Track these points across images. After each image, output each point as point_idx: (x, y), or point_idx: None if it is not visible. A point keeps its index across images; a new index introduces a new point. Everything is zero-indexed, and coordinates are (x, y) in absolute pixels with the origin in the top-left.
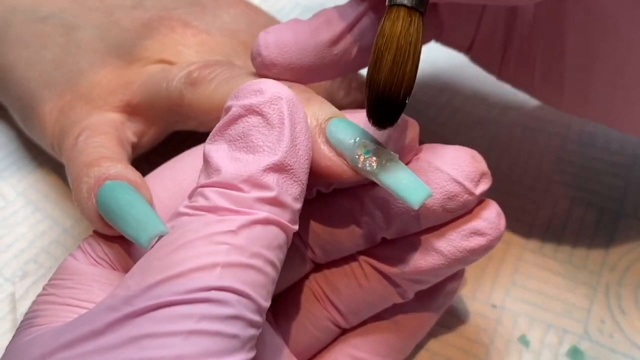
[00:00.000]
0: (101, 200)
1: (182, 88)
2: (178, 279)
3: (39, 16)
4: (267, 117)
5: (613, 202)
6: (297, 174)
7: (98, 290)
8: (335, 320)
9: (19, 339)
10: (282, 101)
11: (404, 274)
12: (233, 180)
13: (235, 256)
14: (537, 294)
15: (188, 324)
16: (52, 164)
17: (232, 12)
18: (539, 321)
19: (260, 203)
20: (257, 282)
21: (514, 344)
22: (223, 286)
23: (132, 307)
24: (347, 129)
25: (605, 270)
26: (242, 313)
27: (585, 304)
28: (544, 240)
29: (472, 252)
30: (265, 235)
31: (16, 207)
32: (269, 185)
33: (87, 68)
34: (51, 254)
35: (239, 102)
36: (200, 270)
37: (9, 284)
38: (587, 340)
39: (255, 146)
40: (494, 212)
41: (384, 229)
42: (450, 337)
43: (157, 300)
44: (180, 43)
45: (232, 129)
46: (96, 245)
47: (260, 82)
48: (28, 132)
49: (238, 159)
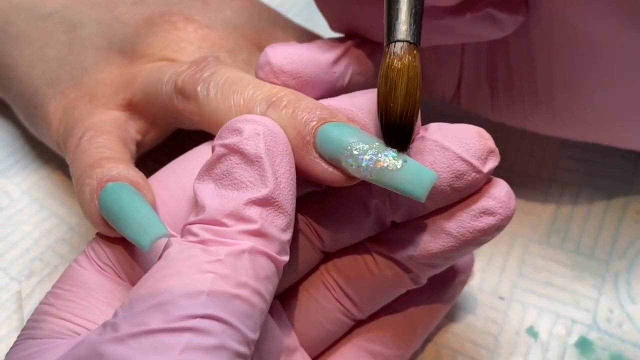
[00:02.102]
0: (103, 202)
1: (173, 95)
2: (163, 306)
3: (42, 13)
4: (245, 154)
5: (621, 185)
6: (282, 205)
7: (94, 308)
8: (347, 312)
9: (17, 352)
10: (259, 137)
11: (414, 258)
12: (217, 215)
13: (220, 285)
14: (545, 284)
15: (172, 354)
16: (56, 162)
17: (235, 6)
18: (547, 312)
19: (244, 235)
20: (243, 312)
21: (522, 336)
22: (207, 314)
23: (118, 333)
24: (338, 136)
25: (614, 258)
26: (227, 343)
27: (593, 293)
28: (550, 230)
29: (482, 232)
30: (252, 265)
31: (21, 206)
32: (252, 218)
33: (91, 66)
34: (57, 252)
35: (221, 142)
36: (185, 298)
37: (15, 283)
38: (596, 331)
39: (239, 182)
40: (503, 191)
41: (392, 212)
42: (457, 329)
43: (141, 328)
44: (182, 39)
45: (217, 168)
46: (100, 251)
47: (239, 121)
48: (33, 130)
49: (223, 196)
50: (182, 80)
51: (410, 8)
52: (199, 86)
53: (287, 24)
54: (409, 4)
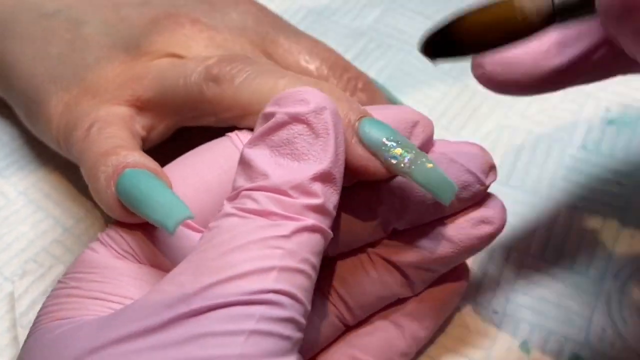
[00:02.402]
0: (122, 187)
1: (202, 84)
2: (236, 280)
3: (45, 12)
4: (312, 126)
5: (616, 210)
6: (338, 182)
7: (127, 285)
8: (341, 316)
9: (45, 332)
10: (327, 111)
11: (414, 263)
12: (282, 185)
13: (288, 261)
14: (539, 300)
15: (249, 324)
16: (54, 164)
17: (240, 10)
18: (540, 328)
19: (307, 210)
20: (305, 286)
21: (514, 351)
22: (279, 289)
23: (189, 305)
24: (379, 129)
25: (607, 278)
26: (294, 316)
27: (586, 311)
28: (546, 246)
29: (480, 240)
30: (311, 241)
31: (17, 206)
32: (317, 193)
33: (94, 62)
34: (51, 254)
35: (283, 110)
36: (258, 273)
37: (8, 283)
38: (588, 349)
39: (301, 154)
40: (499, 203)
41: (398, 218)
42: (450, 343)
43: (215, 301)
44: (189, 37)
45: (276, 136)
46: (119, 238)
47: (302, 92)
48: (32, 128)
49: (283, 165)
50: (219, 67)
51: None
52: (236, 70)
53: (291, 29)
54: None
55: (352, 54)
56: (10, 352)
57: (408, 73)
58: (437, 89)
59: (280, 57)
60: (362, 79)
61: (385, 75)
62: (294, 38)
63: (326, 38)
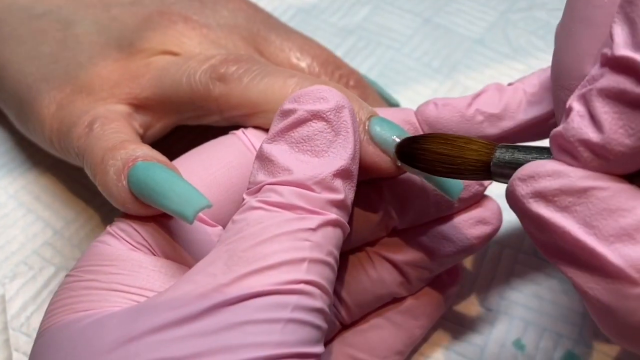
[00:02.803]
0: (136, 179)
1: (209, 82)
2: (268, 270)
3: (35, 13)
4: (332, 124)
5: None
6: (355, 179)
7: (147, 277)
8: (338, 315)
9: (67, 324)
10: (346, 110)
11: (413, 262)
12: (306, 181)
13: (317, 253)
14: (533, 297)
15: (285, 312)
16: (43, 166)
17: (231, 7)
18: (534, 325)
19: (330, 205)
20: (330, 278)
21: (508, 348)
22: (310, 280)
23: (224, 295)
24: (388, 127)
25: None
26: (323, 306)
27: (580, 307)
28: None
29: (477, 239)
30: (335, 235)
31: (7, 210)
32: (339, 188)
33: (86, 60)
34: (42, 256)
35: (304, 107)
36: (289, 264)
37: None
38: (583, 345)
39: (321, 150)
40: (495, 204)
41: (399, 217)
42: (444, 340)
43: (250, 290)
44: (183, 35)
45: (296, 132)
46: (132, 231)
47: (322, 90)
48: (23, 128)
49: (304, 161)
50: (225, 66)
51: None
52: (244, 69)
53: (282, 27)
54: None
55: (342, 52)
56: (2, 355)
57: (398, 71)
58: (427, 86)
59: (271, 54)
60: (354, 76)
61: (375, 73)
62: (285, 35)
63: (315, 36)
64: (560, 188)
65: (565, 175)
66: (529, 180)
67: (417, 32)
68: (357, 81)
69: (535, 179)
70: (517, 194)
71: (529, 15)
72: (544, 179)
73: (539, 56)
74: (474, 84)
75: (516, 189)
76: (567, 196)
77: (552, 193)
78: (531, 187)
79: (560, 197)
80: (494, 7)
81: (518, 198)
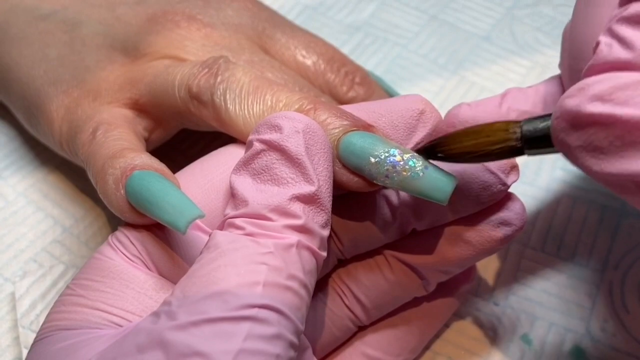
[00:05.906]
0: (132, 189)
1: (189, 102)
2: (221, 295)
3: (41, 14)
4: (286, 152)
5: (615, 200)
6: (322, 202)
7: (131, 298)
8: (355, 319)
9: (48, 344)
10: (299, 135)
11: (431, 265)
12: (261, 210)
13: (274, 277)
14: (540, 292)
15: (235, 342)
16: (52, 164)
17: (236, 6)
18: (541, 320)
19: (289, 230)
20: (293, 304)
21: (516, 343)
22: (265, 304)
23: (174, 320)
24: (360, 145)
25: (608, 268)
26: (283, 333)
27: (587, 302)
28: (546, 238)
29: (498, 242)
30: (300, 259)
31: (16, 207)
32: (297, 213)
33: (93, 64)
34: (51, 254)
35: (260, 137)
36: (243, 287)
37: (9, 284)
38: (590, 339)
39: (279, 178)
40: (519, 204)
41: (417, 220)
42: (452, 335)
43: (202, 316)
44: (185, 37)
45: (255, 163)
46: (128, 243)
47: (277, 117)
48: (33, 132)
49: (263, 191)
50: (197, 85)
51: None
52: (215, 94)
53: (288, 25)
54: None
55: (348, 49)
56: (12, 352)
57: (404, 67)
58: (434, 83)
59: (277, 52)
60: (360, 72)
61: (381, 70)
62: (290, 33)
63: (322, 34)
64: (615, 86)
65: (614, 77)
66: (579, 92)
67: (423, 29)
68: (363, 78)
69: (584, 89)
70: (570, 106)
71: (535, 11)
72: (594, 85)
73: (545, 52)
74: (481, 81)
75: (568, 102)
76: (623, 90)
77: (608, 92)
78: (583, 95)
79: (616, 93)
80: (499, 4)
81: (572, 110)
